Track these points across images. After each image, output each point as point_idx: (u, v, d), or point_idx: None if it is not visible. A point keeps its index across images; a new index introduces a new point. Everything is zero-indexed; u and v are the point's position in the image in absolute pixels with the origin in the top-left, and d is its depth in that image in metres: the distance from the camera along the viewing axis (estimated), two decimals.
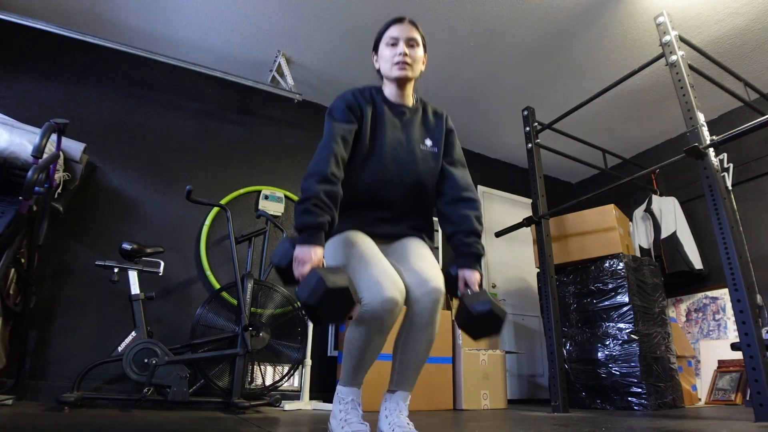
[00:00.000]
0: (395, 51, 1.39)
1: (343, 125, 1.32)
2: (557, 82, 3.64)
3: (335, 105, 1.39)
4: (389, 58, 1.40)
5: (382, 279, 1.16)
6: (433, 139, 1.46)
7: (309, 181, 1.19)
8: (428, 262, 1.30)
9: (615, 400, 2.82)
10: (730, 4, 2.88)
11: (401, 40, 1.40)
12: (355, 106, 1.38)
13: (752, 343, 1.86)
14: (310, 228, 1.15)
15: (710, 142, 2.15)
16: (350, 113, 1.36)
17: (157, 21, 3.05)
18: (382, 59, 1.44)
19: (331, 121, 1.34)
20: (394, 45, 1.40)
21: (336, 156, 1.24)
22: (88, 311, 2.68)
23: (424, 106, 1.53)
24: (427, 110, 1.52)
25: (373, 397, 1.66)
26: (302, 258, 1.13)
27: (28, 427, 1.43)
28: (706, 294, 3.73)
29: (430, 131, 1.47)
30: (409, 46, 1.40)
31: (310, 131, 3.81)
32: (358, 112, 1.37)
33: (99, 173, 2.94)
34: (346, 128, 1.32)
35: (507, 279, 4.42)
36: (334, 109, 1.38)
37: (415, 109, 1.49)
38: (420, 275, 1.24)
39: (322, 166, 1.22)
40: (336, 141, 1.27)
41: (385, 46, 1.42)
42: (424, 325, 1.23)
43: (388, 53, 1.41)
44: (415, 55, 1.41)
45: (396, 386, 1.28)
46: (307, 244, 1.14)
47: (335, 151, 1.25)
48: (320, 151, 1.26)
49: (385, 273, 1.18)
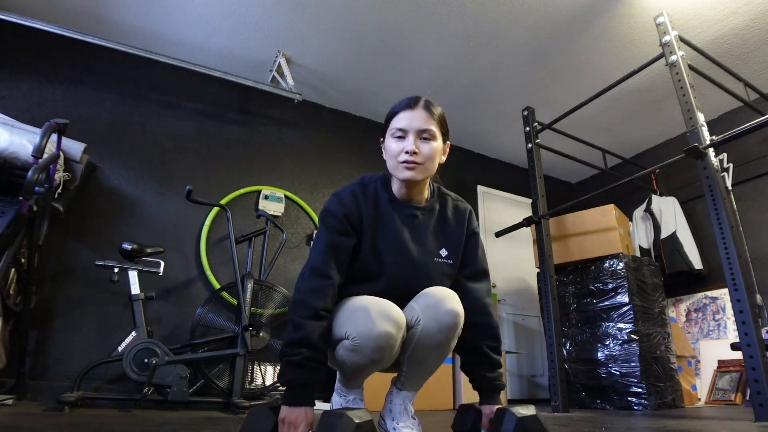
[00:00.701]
0: (402, 146, 1.15)
1: (336, 237, 1.13)
2: (557, 82, 3.64)
3: (330, 209, 1.17)
4: (394, 154, 1.15)
5: (374, 313, 1.04)
6: (450, 248, 1.23)
7: (300, 311, 1.04)
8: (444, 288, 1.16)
9: (615, 400, 2.82)
10: (730, 4, 2.88)
11: (411, 133, 1.15)
12: (354, 214, 1.16)
13: (752, 343, 1.86)
14: (303, 386, 1.01)
15: (710, 142, 2.15)
16: (347, 224, 1.15)
17: (157, 21, 3.05)
18: (388, 152, 1.19)
19: (325, 230, 1.14)
20: (402, 138, 1.16)
21: (333, 285, 1.08)
22: (88, 311, 2.68)
23: (442, 201, 1.28)
24: (446, 207, 1.27)
25: (374, 397, 1.64)
26: (293, 420, 0.97)
27: (28, 427, 1.43)
28: (706, 294, 3.73)
29: (447, 237, 1.24)
30: (422, 140, 1.16)
31: (310, 131, 3.82)
32: (357, 222, 1.16)
33: (99, 173, 2.94)
34: (342, 242, 1.14)
35: (507, 279, 4.42)
36: (328, 215, 1.16)
37: (430, 207, 1.25)
38: (433, 297, 1.11)
39: (315, 299, 1.05)
40: (329, 264, 1.10)
41: (391, 138, 1.18)
42: (435, 346, 1.12)
43: (394, 147, 1.16)
44: (429, 153, 1.15)
45: (403, 386, 1.21)
46: (297, 405, 0.99)
47: (329, 275, 1.08)
48: (311, 276, 1.09)
49: (378, 306, 1.06)
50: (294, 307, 1.07)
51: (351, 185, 1.23)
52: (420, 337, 1.11)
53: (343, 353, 1.07)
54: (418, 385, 1.21)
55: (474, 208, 4.91)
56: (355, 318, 1.06)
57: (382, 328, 1.02)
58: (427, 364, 1.17)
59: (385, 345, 1.04)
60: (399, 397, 1.20)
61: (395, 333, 1.05)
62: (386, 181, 1.24)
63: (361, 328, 1.03)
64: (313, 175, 3.71)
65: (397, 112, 1.19)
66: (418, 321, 1.11)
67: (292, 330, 1.04)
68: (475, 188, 4.57)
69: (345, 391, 1.21)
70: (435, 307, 1.10)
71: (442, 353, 1.15)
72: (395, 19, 2.98)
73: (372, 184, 1.23)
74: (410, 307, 1.15)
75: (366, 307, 1.06)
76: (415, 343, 1.12)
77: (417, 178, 1.15)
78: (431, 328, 1.10)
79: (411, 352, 1.14)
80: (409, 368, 1.17)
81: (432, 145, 1.16)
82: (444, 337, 1.11)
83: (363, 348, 1.04)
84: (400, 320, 1.07)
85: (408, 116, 1.16)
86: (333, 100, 3.90)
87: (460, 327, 1.12)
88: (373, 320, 1.03)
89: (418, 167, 1.14)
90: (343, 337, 1.06)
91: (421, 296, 1.15)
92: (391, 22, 3.01)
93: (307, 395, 1.02)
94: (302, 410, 0.99)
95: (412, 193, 1.21)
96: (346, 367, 1.10)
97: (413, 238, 1.20)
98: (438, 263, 1.21)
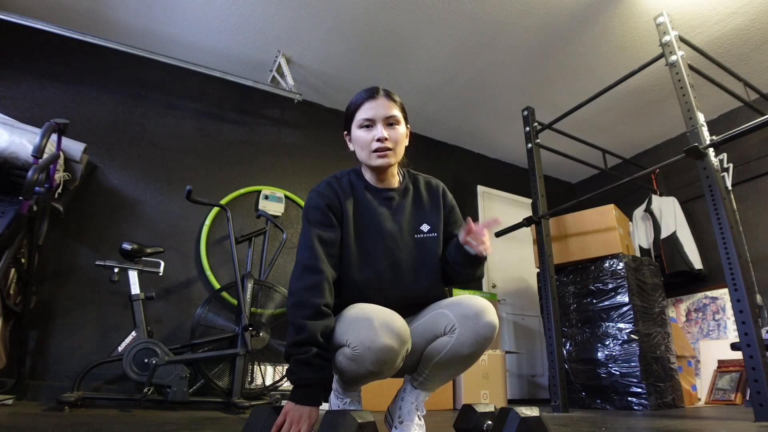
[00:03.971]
0: (372, 135, 1.18)
1: (322, 231, 1.14)
2: (557, 82, 3.64)
3: (311, 205, 1.18)
4: (365, 144, 1.19)
5: (377, 324, 1.00)
6: (431, 222, 1.25)
7: (300, 312, 1.03)
8: (480, 297, 1.15)
9: (615, 400, 2.82)
10: (730, 4, 2.88)
11: (378, 122, 1.18)
12: (334, 203, 1.18)
13: (752, 343, 1.87)
14: (311, 384, 1.00)
15: (710, 142, 2.15)
16: (330, 215, 1.17)
17: (157, 21, 3.05)
18: (357, 143, 1.22)
19: (309, 226, 1.15)
20: (370, 127, 1.19)
21: (326, 279, 1.08)
22: (88, 311, 2.68)
23: (414, 181, 1.31)
24: (419, 186, 1.30)
25: (374, 397, 1.63)
26: (296, 417, 0.97)
27: (28, 427, 1.43)
28: (706, 294, 3.73)
29: (425, 213, 1.26)
30: (388, 126, 1.19)
31: (310, 131, 3.82)
32: (338, 211, 1.18)
33: (99, 173, 2.94)
34: (328, 235, 1.15)
35: (507, 279, 4.42)
36: (310, 211, 1.17)
37: (404, 187, 1.28)
38: (471, 307, 1.09)
39: (312, 296, 1.04)
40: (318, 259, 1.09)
41: (359, 129, 1.21)
42: (466, 356, 1.10)
43: (363, 137, 1.19)
44: (397, 137, 1.20)
45: (419, 386, 1.19)
46: (303, 403, 0.98)
47: (321, 269, 1.08)
48: (303, 274, 1.08)
49: (381, 317, 1.02)
50: (293, 309, 1.04)
51: (325, 180, 1.25)
52: (454, 345, 1.09)
53: (343, 360, 1.04)
54: (434, 388, 1.20)
55: (474, 208, 4.93)
56: (358, 326, 1.02)
57: (383, 341, 0.98)
58: (452, 371, 1.15)
59: (386, 359, 1.00)
60: (412, 395, 1.18)
61: (398, 347, 1.01)
62: (358, 172, 1.28)
63: (362, 338, 0.99)
64: (313, 175, 3.71)
65: (361, 104, 1.21)
66: (453, 329, 1.09)
67: (295, 332, 1.02)
68: (475, 188, 4.57)
69: (342, 393, 1.20)
70: (474, 319, 1.08)
71: (469, 363, 1.14)
72: (395, 19, 2.98)
73: (345, 176, 1.27)
74: (443, 314, 1.12)
75: (369, 316, 1.03)
76: (446, 351, 1.10)
77: (391, 162, 1.20)
78: (468, 339, 1.08)
79: (440, 359, 1.11)
80: (432, 372, 1.15)
81: (398, 130, 1.21)
82: (479, 348, 1.09)
83: (362, 359, 1.00)
84: (404, 333, 1.03)
85: (372, 106, 1.19)
86: (333, 99, 3.90)
87: (493, 340, 1.12)
88: (376, 331, 0.99)
89: (390, 153, 1.19)
90: (343, 344, 1.03)
91: (455, 304, 1.12)
92: (391, 22, 3.01)
93: (314, 394, 1.00)
94: (307, 409, 0.98)
95: (384, 177, 1.25)
96: (345, 374, 1.08)
97: (393, 218, 1.22)
98: (421, 239, 1.23)
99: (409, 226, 1.23)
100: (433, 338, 1.13)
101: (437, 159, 4.42)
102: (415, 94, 3.76)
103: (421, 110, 3.98)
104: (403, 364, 1.18)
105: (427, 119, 4.12)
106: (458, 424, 1.24)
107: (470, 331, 1.08)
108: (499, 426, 1.06)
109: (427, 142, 4.42)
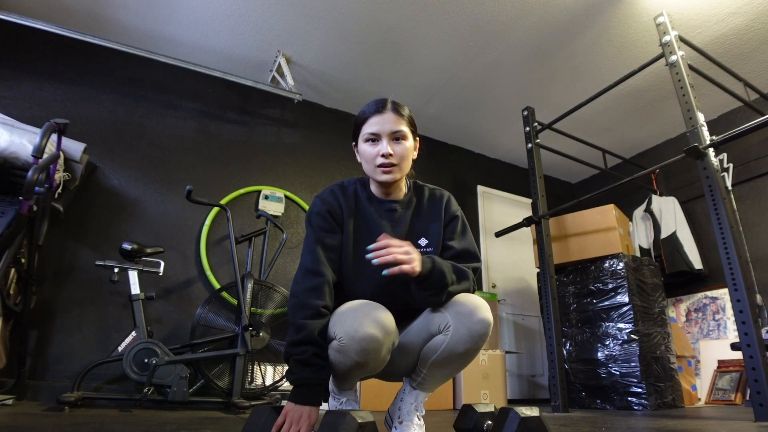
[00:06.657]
0: (377, 149, 1.18)
1: (323, 235, 1.17)
2: (557, 82, 3.64)
3: (314, 211, 1.21)
4: (370, 158, 1.19)
5: (361, 315, 1.03)
6: (430, 236, 1.25)
7: (300, 312, 1.05)
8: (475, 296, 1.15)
9: (615, 400, 2.82)
10: (730, 4, 2.88)
11: (384, 137, 1.18)
12: (336, 210, 1.21)
13: (752, 343, 1.87)
14: (310, 384, 1.01)
15: (710, 142, 2.15)
16: (332, 220, 1.19)
17: (157, 21, 3.05)
18: (363, 157, 1.22)
19: (312, 231, 1.18)
20: (375, 141, 1.19)
21: (327, 282, 1.11)
22: (88, 311, 2.68)
23: (419, 194, 1.30)
24: (422, 198, 1.29)
25: (374, 397, 1.64)
26: (296, 417, 0.98)
27: (28, 427, 1.43)
28: (706, 294, 3.73)
29: (425, 226, 1.26)
30: (394, 141, 1.19)
31: (310, 131, 3.82)
32: (339, 217, 1.21)
33: (99, 173, 2.94)
34: (329, 240, 1.17)
35: (507, 279, 4.42)
36: (312, 216, 1.20)
37: (408, 199, 1.28)
38: (465, 304, 1.10)
39: (313, 298, 1.07)
40: (320, 262, 1.12)
41: (365, 142, 1.21)
42: (462, 353, 1.10)
43: (369, 152, 1.19)
44: (403, 153, 1.19)
45: (418, 386, 1.20)
46: (303, 403, 0.99)
47: (322, 272, 1.11)
48: (304, 276, 1.11)
49: (366, 309, 1.05)
50: (293, 310, 1.07)
51: (330, 186, 1.27)
52: (449, 343, 1.09)
53: (332, 354, 1.06)
54: (433, 388, 1.21)
55: (474, 208, 4.91)
56: (344, 319, 1.04)
57: (366, 330, 1.01)
58: (450, 369, 1.16)
59: (370, 348, 1.02)
60: (411, 395, 1.20)
61: (381, 337, 1.02)
62: (364, 182, 1.29)
63: (347, 329, 1.02)
64: (313, 175, 3.71)
65: (368, 118, 1.20)
66: (447, 327, 1.10)
67: (295, 332, 1.04)
68: (475, 188, 4.57)
69: (338, 393, 1.21)
70: (468, 315, 1.08)
71: (466, 361, 1.14)
72: (395, 19, 2.98)
73: (351, 185, 1.28)
74: (438, 313, 1.13)
75: (355, 309, 1.06)
76: (442, 349, 1.11)
77: (396, 178, 1.20)
78: (463, 336, 1.08)
79: (436, 358, 1.12)
80: (430, 371, 1.15)
81: (405, 145, 1.20)
82: (474, 345, 1.10)
83: (348, 349, 1.02)
84: (388, 324, 1.05)
85: (378, 120, 1.19)
86: (333, 99, 3.90)
87: (488, 336, 1.12)
88: (360, 321, 1.02)
89: (395, 168, 1.18)
90: (333, 337, 1.05)
91: (452, 303, 1.13)
92: (391, 22, 3.01)
93: (314, 394, 1.01)
94: (306, 409, 0.99)
95: (390, 191, 1.25)
96: (335, 369, 1.09)
97: (393, 231, 1.22)
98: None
99: (408, 240, 1.19)
100: (429, 337, 1.13)
101: (437, 159, 4.42)
102: (415, 94, 3.76)
103: (422, 110, 3.98)
104: (401, 366, 1.19)
105: (427, 119, 4.12)
106: (458, 424, 1.24)
107: (465, 328, 1.08)
108: (499, 426, 1.06)
109: (427, 142, 4.41)
